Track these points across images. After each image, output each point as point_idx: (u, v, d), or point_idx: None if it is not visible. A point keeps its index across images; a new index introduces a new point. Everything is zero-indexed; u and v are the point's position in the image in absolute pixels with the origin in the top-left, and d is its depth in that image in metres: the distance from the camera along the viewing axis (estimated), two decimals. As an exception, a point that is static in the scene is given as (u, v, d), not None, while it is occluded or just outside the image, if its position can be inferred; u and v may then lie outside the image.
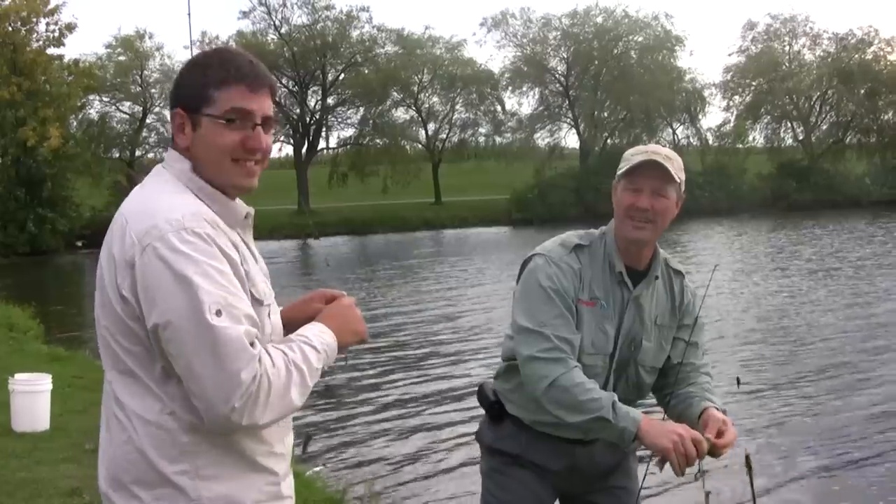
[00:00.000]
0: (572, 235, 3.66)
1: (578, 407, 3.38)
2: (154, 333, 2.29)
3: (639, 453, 3.88)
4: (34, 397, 9.32)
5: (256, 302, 2.40)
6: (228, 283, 2.29)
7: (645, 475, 3.57)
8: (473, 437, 4.00)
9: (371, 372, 15.68)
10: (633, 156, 3.53)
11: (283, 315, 2.65)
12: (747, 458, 3.64)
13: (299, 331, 2.51)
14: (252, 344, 2.27)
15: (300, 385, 2.36)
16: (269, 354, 2.31)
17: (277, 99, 2.67)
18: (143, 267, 2.28)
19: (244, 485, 2.42)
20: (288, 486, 2.57)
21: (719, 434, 3.36)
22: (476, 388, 3.96)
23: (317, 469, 9.72)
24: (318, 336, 2.49)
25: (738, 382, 12.51)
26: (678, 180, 3.50)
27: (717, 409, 3.49)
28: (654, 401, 3.84)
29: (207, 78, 2.45)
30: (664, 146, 3.66)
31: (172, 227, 2.28)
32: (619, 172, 3.55)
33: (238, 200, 2.55)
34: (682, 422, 3.47)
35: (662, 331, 3.69)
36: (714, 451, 3.33)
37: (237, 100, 2.44)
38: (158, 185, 2.47)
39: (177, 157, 2.50)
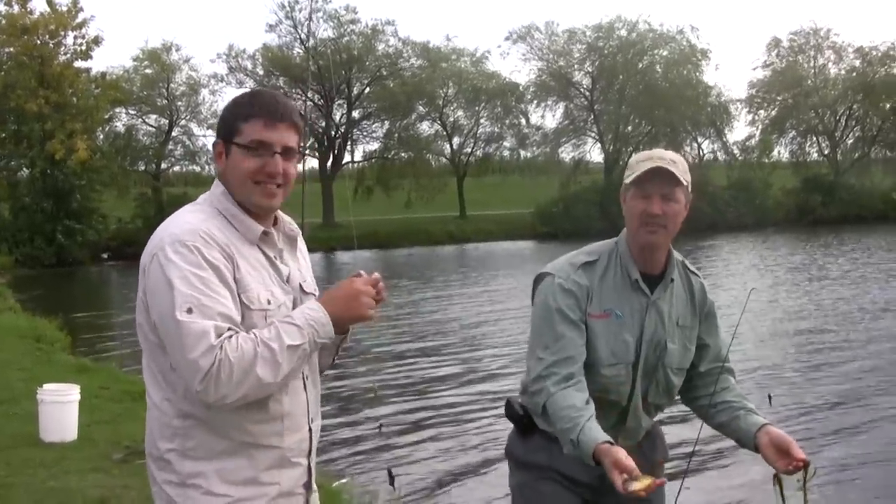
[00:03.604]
0: (580, 253, 3.73)
1: (560, 434, 3.46)
2: (156, 327, 2.73)
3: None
4: (62, 407, 9.38)
5: (245, 307, 2.75)
6: (205, 287, 2.67)
7: (678, 494, 3.55)
8: (503, 451, 3.98)
9: (398, 384, 15.68)
10: (640, 163, 3.57)
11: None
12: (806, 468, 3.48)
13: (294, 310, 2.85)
14: (220, 335, 2.62)
15: (269, 361, 2.67)
16: (238, 339, 2.65)
17: (301, 112, 3.06)
18: (149, 272, 2.74)
19: (217, 466, 2.78)
20: (273, 476, 2.85)
21: (786, 452, 3.42)
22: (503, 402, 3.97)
23: (343, 481, 9.70)
24: (305, 314, 2.78)
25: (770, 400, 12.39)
26: (685, 183, 3.54)
27: (770, 423, 3.56)
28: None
29: (238, 113, 2.87)
30: (679, 154, 3.68)
31: (170, 240, 2.72)
32: (626, 181, 3.59)
33: (271, 218, 2.96)
34: (733, 436, 3.63)
35: (685, 331, 3.74)
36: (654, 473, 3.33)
37: (258, 131, 2.83)
38: (188, 206, 2.90)
39: (216, 182, 2.93)
